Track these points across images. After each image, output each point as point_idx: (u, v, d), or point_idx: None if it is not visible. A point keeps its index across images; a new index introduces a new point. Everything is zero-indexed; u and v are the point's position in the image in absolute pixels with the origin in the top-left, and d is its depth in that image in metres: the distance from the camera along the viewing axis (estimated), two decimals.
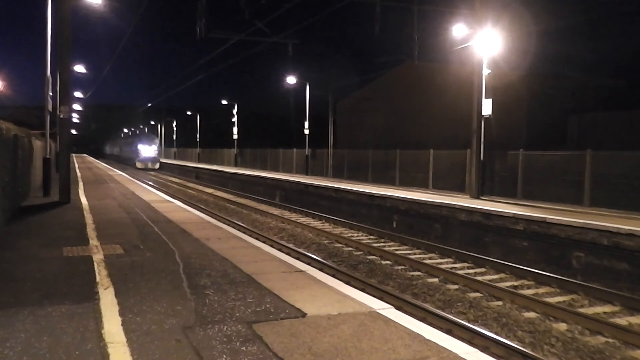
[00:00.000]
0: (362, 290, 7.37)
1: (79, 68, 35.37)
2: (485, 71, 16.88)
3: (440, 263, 11.37)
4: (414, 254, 12.44)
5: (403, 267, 11.05)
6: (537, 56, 28.18)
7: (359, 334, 4.36)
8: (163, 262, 6.99)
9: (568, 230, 11.06)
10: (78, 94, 58.92)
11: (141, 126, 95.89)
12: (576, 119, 25.78)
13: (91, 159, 71.31)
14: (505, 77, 22.57)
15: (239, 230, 11.76)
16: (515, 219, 12.34)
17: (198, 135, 63.16)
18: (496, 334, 6.96)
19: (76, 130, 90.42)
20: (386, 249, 12.80)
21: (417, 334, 4.41)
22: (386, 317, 4.84)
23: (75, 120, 72.76)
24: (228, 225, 12.57)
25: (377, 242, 13.98)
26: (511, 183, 17.03)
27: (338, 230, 16.05)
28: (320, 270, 7.93)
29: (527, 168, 16.59)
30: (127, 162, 63.84)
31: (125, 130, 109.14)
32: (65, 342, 4.07)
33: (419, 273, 10.56)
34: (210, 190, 31.31)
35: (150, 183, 33.61)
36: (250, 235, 11.03)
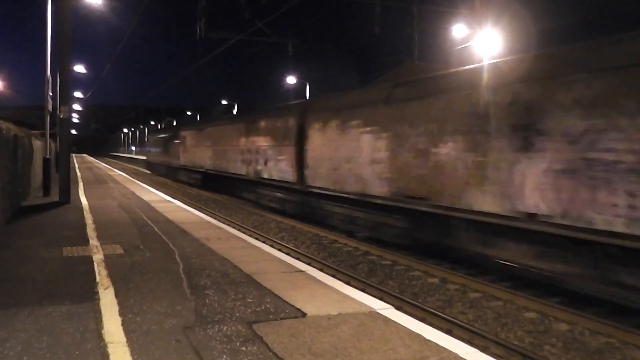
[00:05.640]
0: (362, 290, 7.37)
1: (79, 68, 35.53)
2: None
3: None
4: None
5: None
6: None
7: (359, 334, 4.36)
8: (163, 262, 6.99)
9: None
10: (78, 94, 59.17)
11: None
12: None
13: (91, 159, 71.31)
14: None
15: (239, 230, 11.76)
16: None
17: None
18: None
19: (76, 130, 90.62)
20: None
21: (417, 334, 4.41)
22: (386, 317, 4.84)
23: (75, 120, 72.94)
24: (228, 225, 12.57)
25: None
26: None
27: None
28: (320, 270, 7.93)
29: None
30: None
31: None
32: (65, 342, 4.07)
33: None
34: None
35: (150, 183, 33.58)
36: (250, 236, 11.03)
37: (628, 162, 6.97)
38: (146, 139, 62.69)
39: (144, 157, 59.43)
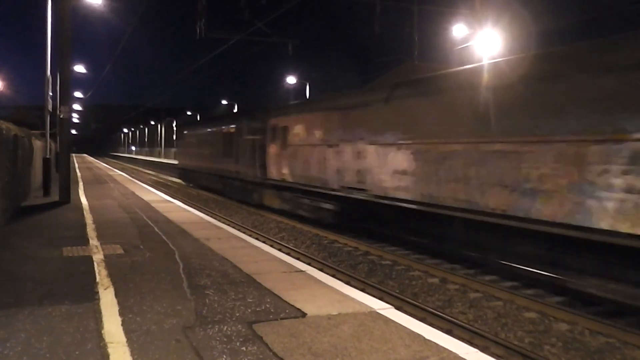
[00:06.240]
0: (362, 290, 7.36)
1: (79, 68, 35.49)
2: None
3: None
4: None
5: None
6: None
7: (359, 334, 4.36)
8: (163, 262, 6.99)
9: None
10: (78, 94, 59.17)
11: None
12: None
13: (91, 159, 71.32)
14: None
15: (239, 230, 11.76)
16: None
17: None
18: None
19: (76, 130, 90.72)
20: None
21: (417, 334, 4.41)
22: (386, 317, 4.84)
23: (75, 120, 73.00)
24: (228, 225, 12.57)
25: None
26: None
27: None
28: (320, 270, 7.93)
29: None
30: None
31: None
32: (65, 342, 4.07)
33: None
34: None
35: (151, 183, 33.57)
36: (250, 236, 11.03)
37: None
38: (179, 135, 42.52)
39: (173, 162, 44.40)
